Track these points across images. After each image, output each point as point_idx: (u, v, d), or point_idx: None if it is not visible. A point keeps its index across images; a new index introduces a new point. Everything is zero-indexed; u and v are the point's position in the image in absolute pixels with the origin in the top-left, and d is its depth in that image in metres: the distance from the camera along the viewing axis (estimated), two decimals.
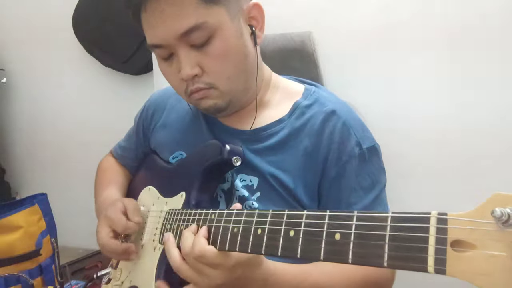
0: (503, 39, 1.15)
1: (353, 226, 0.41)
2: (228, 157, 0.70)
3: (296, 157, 0.74)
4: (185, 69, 0.69)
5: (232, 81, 0.72)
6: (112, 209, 0.78)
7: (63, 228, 1.56)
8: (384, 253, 0.38)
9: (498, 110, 1.17)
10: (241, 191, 0.75)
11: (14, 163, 2.33)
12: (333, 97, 0.81)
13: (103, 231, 0.77)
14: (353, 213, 0.42)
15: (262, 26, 0.76)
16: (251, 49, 0.74)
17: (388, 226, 0.39)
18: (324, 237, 0.44)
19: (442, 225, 0.35)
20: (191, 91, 0.73)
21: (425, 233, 0.36)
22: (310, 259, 0.46)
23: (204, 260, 0.57)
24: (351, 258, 0.41)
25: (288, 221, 0.49)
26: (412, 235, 0.36)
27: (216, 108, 0.75)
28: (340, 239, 0.42)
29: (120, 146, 1.02)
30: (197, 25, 0.66)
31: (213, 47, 0.69)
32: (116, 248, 0.76)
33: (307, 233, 0.46)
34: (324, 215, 0.45)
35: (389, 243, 0.38)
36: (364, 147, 0.74)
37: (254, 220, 0.53)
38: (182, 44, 0.69)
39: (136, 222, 0.76)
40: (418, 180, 1.26)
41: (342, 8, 1.31)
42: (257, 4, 0.74)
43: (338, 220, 0.43)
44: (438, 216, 0.36)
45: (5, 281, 1.32)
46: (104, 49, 1.96)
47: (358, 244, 0.41)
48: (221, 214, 0.59)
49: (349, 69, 1.31)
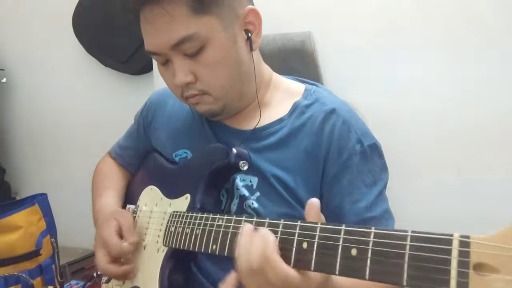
0: (503, 39, 1.15)
1: (371, 243, 0.41)
2: (234, 161, 0.70)
3: (296, 156, 0.74)
4: (178, 77, 0.71)
5: (225, 89, 0.73)
6: (106, 229, 0.77)
7: (63, 228, 1.55)
8: (403, 272, 0.38)
9: (498, 110, 1.17)
10: (242, 190, 0.75)
11: (14, 163, 2.33)
12: (333, 97, 0.81)
13: (99, 255, 0.77)
14: (371, 229, 0.42)
15: (259, 31, 0.75)
16: (245, 56, 0.73)
17: (408, 245, 0.38)
18: (339, 251, 0.43)
19: (465, 248, 0.35)
20: (186, 96, 0.74)
21: (447, 255, 0.36)
22: (325, 272, 0.45)
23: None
24: (368, 274, 0.41)
25: (301, 232, 0.48)
26: (434, 256, 0.36)
27: (211, 113, 0.77)
28: (357, 255, 0.42)
29: (120, 146, 1.01)
30: (188, 36, 0.67)
31: (206, 56, 0.70)
32: (116, 273, 0.76)
33: (321, 246, 0.45)
34: (339, 230, 0.44)
35: (409, 262, 0.38)
36: (366, 144, 0.74)
37: None
38: (176, 53, 0.70)
39: (131, 243, 0.75)
40: (418, 179, 1.26)
41: (342, 8, 1.31)
42: (253, 10, 0.73)
43: (355, 236, 0.43)
44: (461, 238, 0.35)
45: (5, 281, 1.32)
46: (104, 49, 1.95)
47: (375, 261, 0.40)
48: (230, 220, 0.59)
49: (349, 69, 1.31)
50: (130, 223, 0.78)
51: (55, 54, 2.13)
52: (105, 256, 0.77)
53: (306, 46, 1.25)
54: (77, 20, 1.97)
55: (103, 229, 0.78)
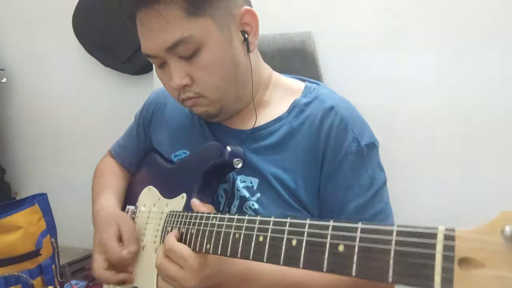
0: (503, 39, 1.15)
1: (357, 238, 0.40)
2: (229, 159, 0.70)
3: (296, 155, 0.74)
4: (174, 80, 0.71)
5: (221, 91, 0.73)
6: (106, 235, 0.77)
7: (63, 228, 1.55)
8: (389, 268, 0.37)
9: (498, 110, 1.17)
10: (242, 191, 0.74)
11: (14, 163, 2.33)
12: (333, 94, 0.80)
13: (97, 260, 0.77)
14: (357, 224, 0.41)
15: (256, 32, 0.74)
16: (242, 58, 0.73)
17: (394, 240, 0.37)
18: (327, 248, 0.43)
19: (450, 242, 0.34)
20: (182, 98, 0.74)
21: (431, 250, 0.35)
22: (313, 269, 0.45)
23: (173, 254, 0.62)
24: (355, 271, 0.40)
25: (291, 229, 0.47)
26: (418, 251, 0.36)
27: (208, 115, 0.77)
28: (344, 251, 0.41)
29: (119, 145, 1.01)
30: (183, 39, 0.67)
31: (201, 58, 0.69)
32: (111, 280, 0.77)
33: (310, 243, 0.45)
34: (327, 225, 0.44)
35: (395, 258, 0.37)
36: (363, 143, 0.73)
37: (256, 226, 0.52)
38: (171, 55, 0.70)
39: (130, 251, 0.75)
40: (417, 179, 1.26)
41: (342, 8, 1.31)
42: (249, 10, 0.72)
43: (342, 231, 0.42)
44: (446, 232, 0.35)
45: (5, 281, 1.32)
46: (104, 49, 1.96)
47: (362, 258, 0.40)
48: (223, 219, 0.59)
49: (349, 69, 1.31)
50: (131, 229, 0.78)
51: (55, 54, 2.13)
52: (103, 262, 0.77)
53: (306, 46, 1.25)
54: (77, 20, 1.98)
55: (104, 231, 0.78)
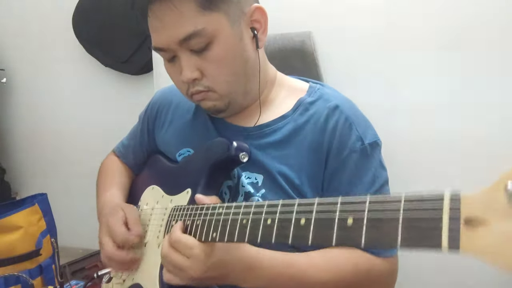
0: (503, 39, 1.15)
1: (366, 210, 0.41)
2: (235, 153, 0.71)
3: (300, 152, 0.75)
4: (185, 73, 0.72)
5: (230, 85, 0.74)
6: (113, 218, 0.78)
7: (63, 228, 1.55)
8: (397, 236, 0.38)
9: (498, 110, 1.17)
10: (247, 187, 0.75)
11: (14, 163, 2.33)
12: (337, 94, 0.82)
13: (106, 242, 0.77)
14: (366, 197, 0.42)
15: (265, 29, 0.76)
16: (251, 53, 0.74)
17: (402, 207, 0.38)
18: (336, 222, 0.44)
19: (455, 204, 0.35)
20: (192, 92, 0.75)
21: (438, 213, 0.36)
22: (321, 246, 0.45)
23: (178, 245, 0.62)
24: (364, 242, 0.41)
25: (299, 209, 0.48)
26: (426, 215, 0.37)
27: (216, 109, 0.77)
28: (353, 224, 0.42)
29: (123, 145, 1.02)
30: (196, 32, 0.68)
31: (212, 52, 0.70)
32: (124, 259, 0.76)
33: (318, 220, 0.46)
34: (336, 202, 0.45)
35: (403, 224, 0.38)
36: (366, 142, 0.75)
37: (263, 210, 0.53)
38: (183, 49, 0.71)
39: (136, 234, 0.76)
40: (418, 179, 1.26)
41: (342, 8, 1.31)
42: (260, 8, 0.74)
43: (350, 205, 0.43)
44: (452, 195, 0.36)
45: (5, 281, 1.32)
46: (104, 49, 1.96)
47: (371, 228, 0.41)
48: (229, 207, 0.59)
49: (349, 69, 1.31)
50: (136, 216, 0.79)
51: (55, 54, 2.13)
52: (112, 243, 0.77)
53: (306, 46, 1.25)
54: (77, 20, 1.98)
55: (110, 217, 0.79)
